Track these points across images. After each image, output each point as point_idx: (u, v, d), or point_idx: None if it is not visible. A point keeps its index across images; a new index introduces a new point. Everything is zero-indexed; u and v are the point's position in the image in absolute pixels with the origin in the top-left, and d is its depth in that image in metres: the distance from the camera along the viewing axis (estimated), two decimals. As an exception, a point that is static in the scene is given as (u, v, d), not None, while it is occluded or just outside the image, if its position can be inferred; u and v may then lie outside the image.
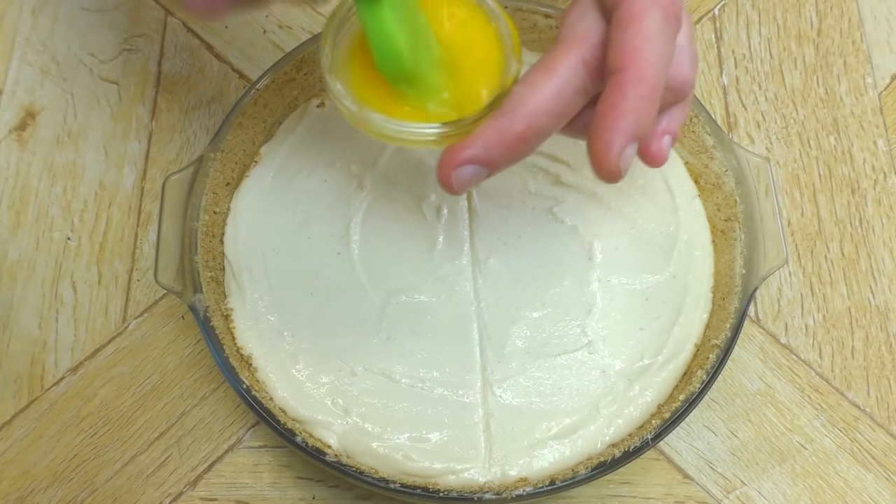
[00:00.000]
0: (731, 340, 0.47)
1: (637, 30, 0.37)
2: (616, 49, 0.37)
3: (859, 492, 0.52)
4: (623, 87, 0.37)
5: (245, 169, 0.54)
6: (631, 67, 0.37)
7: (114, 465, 0.53)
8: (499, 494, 0.44)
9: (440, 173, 0.39)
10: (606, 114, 0.37)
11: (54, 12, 0.65)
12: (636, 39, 0.37)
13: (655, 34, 0.37)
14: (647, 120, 0.37)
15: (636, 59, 0.37)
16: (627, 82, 0.37)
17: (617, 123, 0.37)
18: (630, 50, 0.37)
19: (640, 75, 0.37)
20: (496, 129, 0.38)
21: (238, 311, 0.50)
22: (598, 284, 0.51)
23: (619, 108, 0.37)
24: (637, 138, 0.38)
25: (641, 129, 0.37)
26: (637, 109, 0.37)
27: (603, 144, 0.37)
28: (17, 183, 0.60)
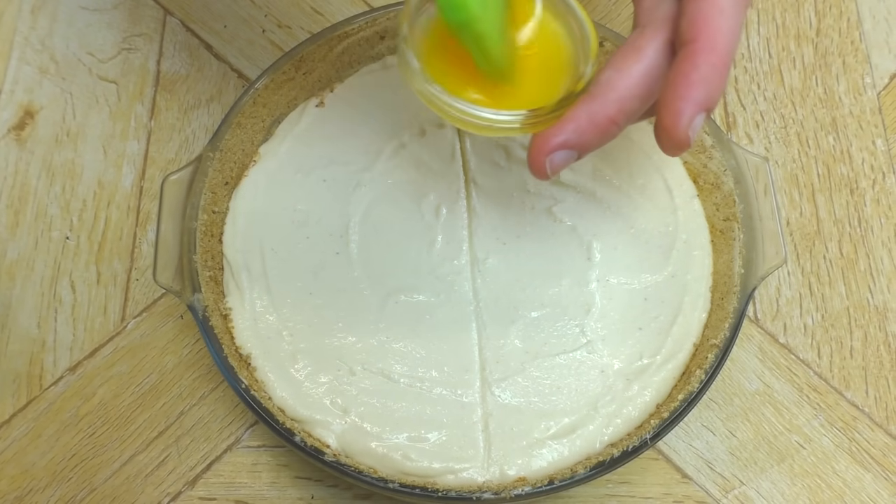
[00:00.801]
0: (730, 340, 0.47)
1: (711, 1, 0.37)
2: (689, 19, 0.38)
3: (858, 491, 0.52)
4: (695, 57, 0.37)
5: (244, 168, 0.54)
6: (703, 37, 0.37)
7: (112, 465, 0.53)
8: (497, 494, 0.44)
9: (533, 159, 0.40)
10: (678, 83, 0.37)
11: (53, 11, 0.65)
12: (710, 10, 0.37)
13: (728, 5, 0.37)
14: (717, 90, 0.38)
15: (709, 29, 0.37)
16: (699, 52, 0.37)
17: (688, 93, 0.37)
18: (703, 20, 0.37)
19: (712, 45, 0.37)
20: (588, 112, 0.39)
21: (237, 310, 0.50)
22: (597, 284, 0.51)
23: (691, 78, 0.37)
24: (707, 109, 0.38)
25: (712, 99, 0.38)
26: (709, 79, 0.37)
27: (673, 114, 0.37)
28: (15, 182, 0.60)
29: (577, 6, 0.43)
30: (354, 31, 0.55)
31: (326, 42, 0.55)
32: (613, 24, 0.65)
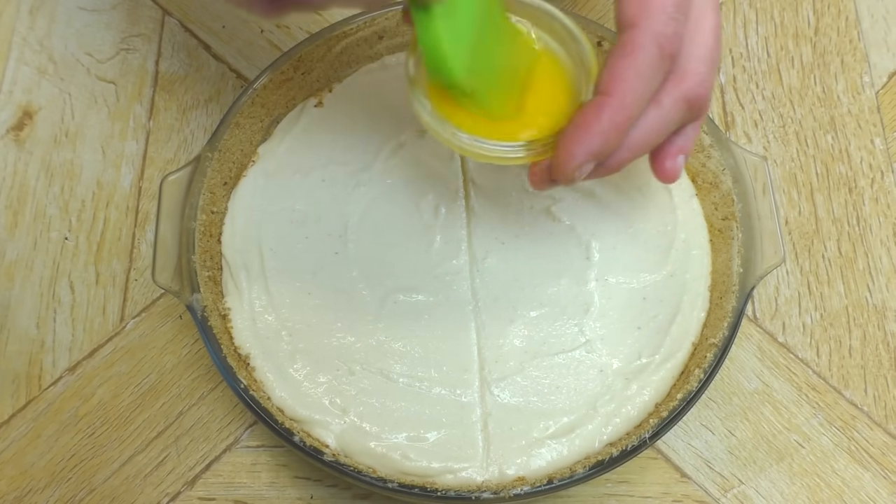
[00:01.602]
0: (729, 339, 0.47)
1: (631, 61, 0.39)
2: (608, 71, 0.39)
3: (857, 490, 0.52)
4: (601, 110, 0.39)
5: (242, 168, 0.54)
6: (616, 95, 0.39)
7: (112, 465, 0.53)
8: (497, 494, 0.44)
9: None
10: (580, 128, 0.39)
11: (51, 12, 0.65)
12: (627, 71, 0.39)
13: (647, 69, 0.39)
14: (613, 146, 0.40)
15: (622, 87, 0.39)
16: (607, 106, 0.39)
17: (586, 139, 0.39)
18: (620, 78, 0.39)
19: (620, 104, 0.39)
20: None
21: (236, 310, 0.50)
22: (596, 283, 0.51)
23: (592, 128, 0.39)
24: (598, 159, 0.40)
25: (604, 153, 0.40)
26: (607, 134, 0.39)
27: (566, 155, 0.40)
28: (14, 183, 0.60)
29: (577, 30, 0.44)
30: (353, 31, 0.55)
31: (325, 42, 0.55)
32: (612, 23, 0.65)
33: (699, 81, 0.41)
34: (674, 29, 0.39)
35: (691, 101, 0.41)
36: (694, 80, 0.41)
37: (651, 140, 0.41)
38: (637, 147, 0.41)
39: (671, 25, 0.39)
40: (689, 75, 0.41)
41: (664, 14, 0.39)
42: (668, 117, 0.41)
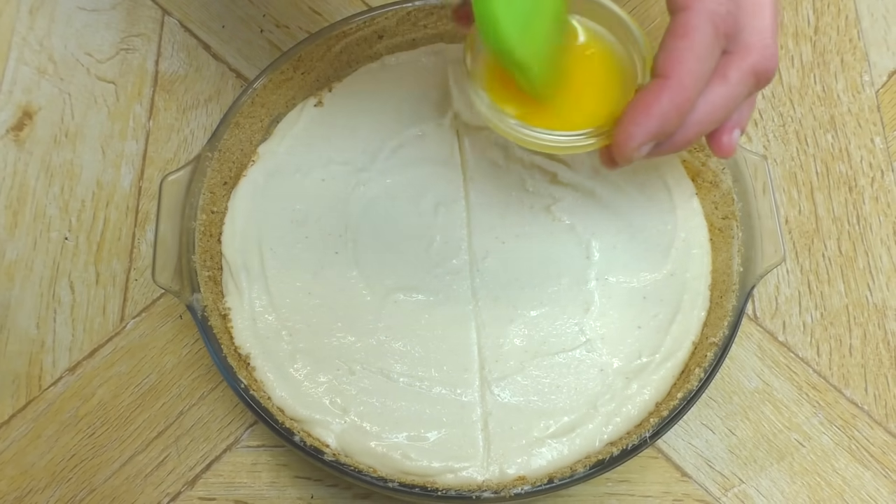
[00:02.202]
0: (729, 338, 0.47)
1: (688, 43, 0.39)
2: (665, 54, 0.40)
3: (857, 489, 0.52)
4: (660, 92, 0.39)
5: (242, 168, 0.54)
6: (674, 76, 0.39)
7: (112, 465, 0.53)
8: (497, 493, 0.44)
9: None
10: (639, 110, 0.40)
11: (51, 12, 0.65)
12: (684, 52, 0.39)
13: (704, 50, 0.39)
14: (672, 127, 0.40)
15: (680, 69, 0.39)
16: (666, 88, 0.39)
17: (646, 121, 0.40)
18: (677, 60, 0.39)
19: (678, 85, 0.39)
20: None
21: (236, 310, 0.50)
22: (596, 283, 0.51)
23: (651, 109, 0.39)
24: (657, 140, 0.41)
25: (665, 133, 0.40)
26: (666, 115, 0.39)
27: (626, 135, 0.40)
28: (14, 183, 0.60)
29: (628, 17, 0.44)
30: (353, 30, 0.55)
31: (325, 42, 0.55)
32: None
33: (766, 54, 0.41)
34: (727, 8, 0.39)
35: (759, 74, 0.41)
36: (760, 53, 0.41)
37: (718, 115, 0.42)
38: (703, 123, 0.41)
39: (724, 4, 0.39)
40: (755, 48, 0.41)
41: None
42: (735, 91, 0.41)
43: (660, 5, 0.66)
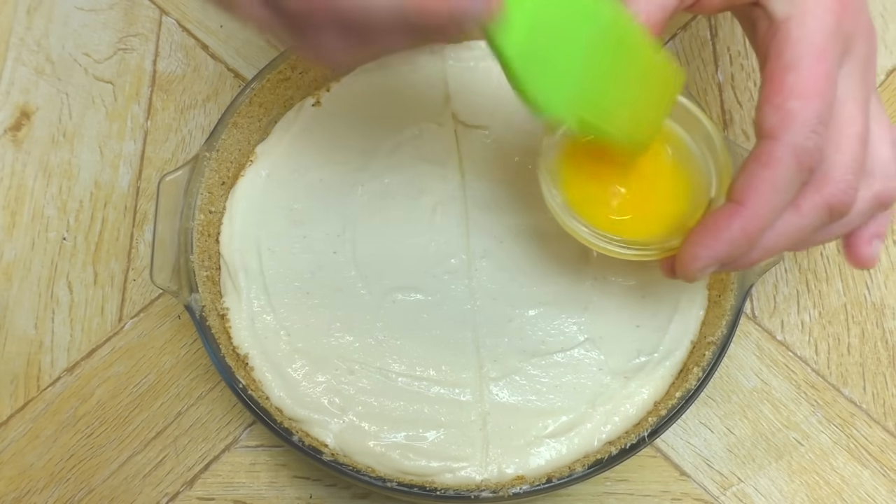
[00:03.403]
0: (728, 337, 0.47)
1: (769, 173, 0.38)
2: (744, 180, 0.39)
3: (856, 488, 0.52)
4: (732, 218, 0.39)
5: (240, 168, 0.54)
6: (749, 204, 0.38)
7: (111, 465, 0.53)
8: (496, 493, 0.44)
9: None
10: (708, 232, 0.39)
11: (49, 12, 0.65)
12: (764, 182, 0.38)
13: (784, 183, 0.38)
14: (739, 253, 0.39)
15: (756, 198, 0.38)
16: (739, 215, 0.38)
17: (714, 245, 0.39)
18: (755, 188, 0.38)
19: (752, 214, 0.38)
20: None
21: (234, 310, 0.50)
22: (594, 282, 0.51)
23: (721, 234, 0.39)
24: (721, 265, 0.40)
25: (730, 259, 0.40)
26: (735, 242, 0.39)
27: (691, 256, 0.40)
28: (12, 183, 0.60)
29: (713, 129, 0.44)
30: (350, 30, 0.55)
31: (322, 41, 0.54)
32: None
33: (843, 189, 0.40)
34: (814, 143, 0.38)
35: (833, 208, 0.40)
36: (837, 188, 0.40)
37: (786, 244, 0.41)
38: (770, 249, 0.40)
39: (812, 139, 0.38)
40: (832, 182, 0.40)
41: (806, 128, 0.38)
42: (807, 223, 0.40)
43: (658, 4, 0.66)
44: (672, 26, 0.65)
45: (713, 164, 0.44)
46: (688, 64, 0.64)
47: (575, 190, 0.44)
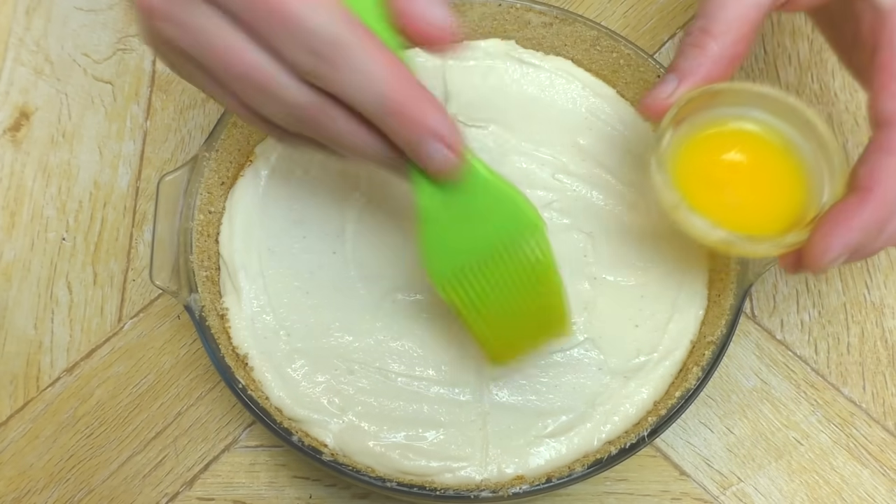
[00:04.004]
0: (727, 337, 0.47)
1: (893, 161, 0.39)
2: (869, 168, 0.39)
3: (855, 487, 0.52)
4: (862, 206, 0.39)
5: (240, 168, 0.54)
6: (879, 190, 0.39)
7: (110, 466, 0.53)
8: (495, 492, 0.44)
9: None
10: (838, 221, 0.39)
11: (47, 12, 0.65)
12: (889, 169, 0.39)
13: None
14: (870, 241, 0.40)
15: (885, 185, 0.39)
16: (868, 202, 0.39)
17: (846, 234, 0.39)
18: (882, 175, 0.39)
19: (882, 201, 0.39)
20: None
21: (234, 310, 0.50)
22: (594, 282, 0.51)
23: (852, 223, 0.39)
24: (853, 253, 0.40)
25: (862, 247, 0.40)
26: (866, 229, 0.39)
27: (822, 246, 0.40)
28: (11, 183, 0.60)
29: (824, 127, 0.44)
30: (350, 30, 0.55)
31: (322, 41, 0.54)
32: (609, 21, 0.65)
33: None
34: None
35: None
36: None
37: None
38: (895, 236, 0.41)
39: None
40: None
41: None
42: None
43: (657, 5, 0.66)
44: (671, 25, 0.65)
45: (823, 160, 0.45)
46: (687, 63, 0.64)
47: (689, 187, 0.44)
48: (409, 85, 0.36)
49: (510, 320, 0.43)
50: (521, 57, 0.56)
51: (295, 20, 0.34)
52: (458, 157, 0.38)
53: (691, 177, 0.45)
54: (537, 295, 0.42)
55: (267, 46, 0.35)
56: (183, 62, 0.38)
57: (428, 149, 0.37)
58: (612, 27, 0.62)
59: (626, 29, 0.65)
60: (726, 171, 0.47)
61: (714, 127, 0.47)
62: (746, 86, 0.46)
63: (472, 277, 0.41)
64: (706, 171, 0.46)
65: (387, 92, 0.35)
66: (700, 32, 0.43)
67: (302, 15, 0.34)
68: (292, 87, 0.36)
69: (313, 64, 0.35)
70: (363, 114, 0.36)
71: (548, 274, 0.42)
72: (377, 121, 0.36)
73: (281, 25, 0.34)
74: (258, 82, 0.36)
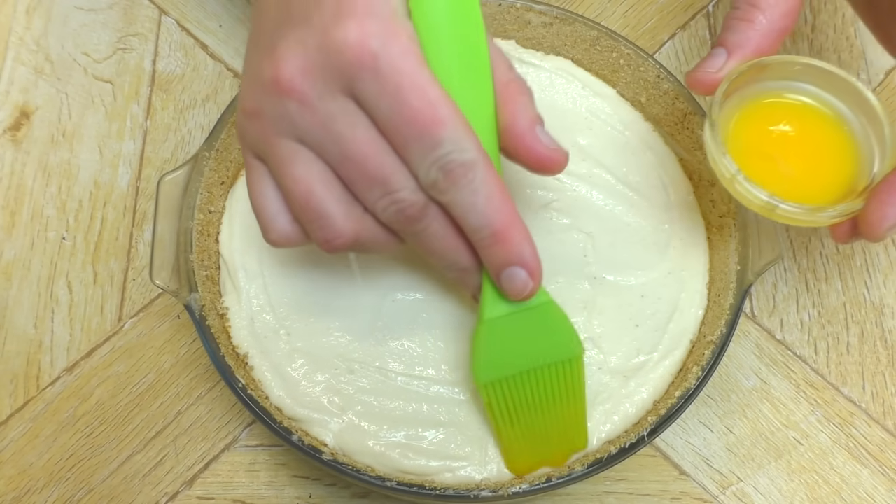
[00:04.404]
0: (727, 337, 0.47)
1: None
2: None
3: (855, 487, 0.52)
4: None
5: (240, 168, 0.54)
6: None
7: (110, 465, 0.53)
8: (495, 492, 0.44)
9: (872, 231, 0.42)
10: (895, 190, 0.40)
11: (48, 11, 0.65)
12: None
13: None
14: None
15: None
16: None
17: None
18: None
19: None
20: None
21: (233, 309, 0.50)
22: (594, 281, 0.51)
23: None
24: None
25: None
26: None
27: (880, 214, 0.41)
28: (11, 183, 0.60)
29: (877, 103, 0.45)
30: (350, 29, 0.55)
31: (322, 41, 0.54)
32: (609, 21, 0.65)
33: None
34: None
35: None
36: None
37: None
38: None
39: None
40: None
41: None
42: None
43: (657, 5, 0.66)
44: (671, 25, 0.65)
45: (872, 131, 0.45)
46: (687, 64, 0.64)
47: (742, 160, 0.44)
48: (513, 215, 0.39)
49: (536, 431, 0.45)
50: (521, 57, 0.56)
51: (436, 136, 0.36)
52: (536, 284, 0.41)
53: (744, 149, 0.45)
54: (564, 413, 0.45)
55: (399, 148, 0.37)
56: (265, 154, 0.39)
57: (512, 272, 0.40)
58: (612, 27, 0.62)
59: (625, 29, 0.65)
60: (777, 143, 0.47)
61: (763, 99, 0.47)
62: (795, 59, 0.46)
63: (511, 387, 0.44)
64: (758, 144, 0.46)
65: (497, 217, 0.38)
66: (748, 6, 0.44)
67: (442, 134, 0.36)
68: (409, 188, 0.38)
69: (439, 178, 0.37)
70: (465, 228, 0.39)
71: (577, 396, 0.45)
72: (477, 238, 0.39)
73: (419, 136, 0.36)
74: (381, 177, 0.37)
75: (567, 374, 0.44)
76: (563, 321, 0.44)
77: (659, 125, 0.55)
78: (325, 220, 0.39)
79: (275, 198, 0.40)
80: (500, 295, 0.42)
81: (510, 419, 0.45)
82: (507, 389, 0.44)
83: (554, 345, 0.44)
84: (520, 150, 0.40)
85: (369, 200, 0.38)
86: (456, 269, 0.42)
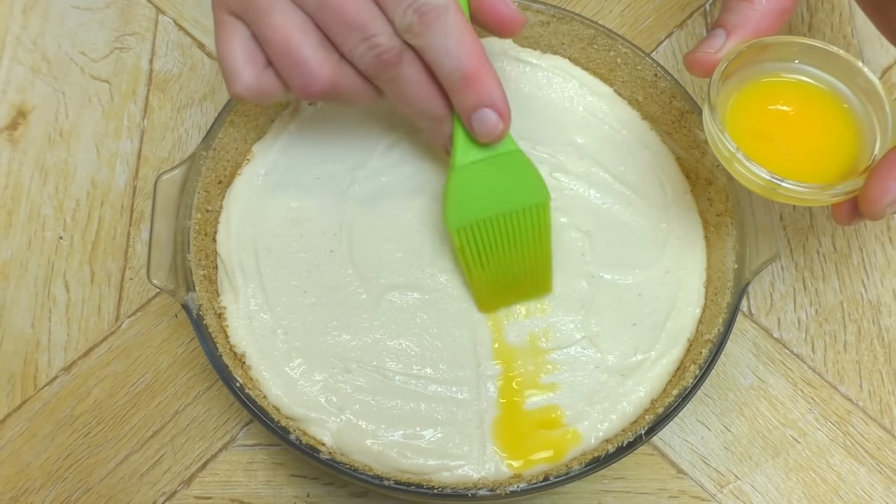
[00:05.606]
0: (724, 335, 0.47)
1: None
2: None
3: (852, 485, 0.52)
4: None
5: (237, 167, 0.54)
6: None
7: (108, 465, 0.53)
8: (493, 490, 0.44)
9: (872, 208, 0.42)
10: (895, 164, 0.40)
11: (45, 11, 0.65)
12: None
13: None
14: None
15: None
16: None
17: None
18: None
19: None
20: None
21: (231, 309, 0.50)
22: (591, 280, 0.51)
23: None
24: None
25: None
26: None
27: (879, 190, 0.41)
28: (8, 182, 0.60)
29: (876, 81, 0.45)
30: (347, 28, 0.55)
31: (319, 40, 0.54)
32: (605, 19, 0.65)
33: None
34: None
35: None
36: None
37: None
38: None
39: None
40: None
41: None
42: None
43: (654, 4, 0.66)
44: (668, 24, 0.65)
45: (873, 111, 0.45)
46: (684, 62, 0.64)
47: (741, 139, 0.44)
48: (483, 58, 0.41)
49: (504, 275, 0.48)
50: (519, 55, 0.56)
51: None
52: (506, 126, 0.43)
53: (743, 129, 0.45)
54: (531, 258, 0.48)
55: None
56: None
57: (483, 114, 0.42)
58: (609, 26, 0.62)
59: (622, 27, 0.65)
60: (777, 123, 0.47)
61: (762, 80, 0.47)
62: (795, 39, 0.46)
63: (482, 231, 0.46)
64: (757, 123, 0.46)
65: (468, 61, 0.41)
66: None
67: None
68: (386, 34, 0.40)
69: (414, 21, 0.39)
70: (438, 73, 0.42)
71: (543, 242, 0.48)
72: (449, 81, 0.42)
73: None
74: (358, 22, 0.40)
75: (534, 220, 0.46)
76: (530, 169, 0.46)
77: (656, 124, 0.55)
78: (302, 66, 0.41)
79: (243, 50, 0.42)
80: (470, 143, 0.45)
81: (480, 262, 0.47)
82: (478, 233, 0.46)
83: (522, 191, 0.46)
84: (484, 8, 0.44)
85: (346, 47, 0.40)
86: (429, 118, 0.44)
